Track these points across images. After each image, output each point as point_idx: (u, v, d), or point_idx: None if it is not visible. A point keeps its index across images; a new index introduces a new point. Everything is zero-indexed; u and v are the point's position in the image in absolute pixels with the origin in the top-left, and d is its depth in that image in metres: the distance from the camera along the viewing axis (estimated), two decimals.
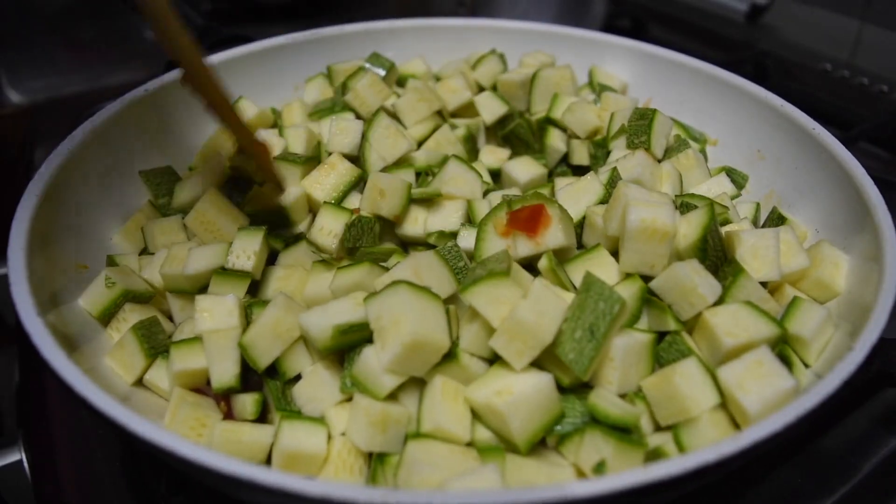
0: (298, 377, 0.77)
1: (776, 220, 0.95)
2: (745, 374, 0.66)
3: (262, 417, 0.77)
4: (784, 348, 0.75)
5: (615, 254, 0.80)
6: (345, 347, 0.73)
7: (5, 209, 0.79)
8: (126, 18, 1.84)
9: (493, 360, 0.71)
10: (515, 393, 0.65)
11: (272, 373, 0.77)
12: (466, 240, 0.89)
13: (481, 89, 1.20)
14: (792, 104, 1.01)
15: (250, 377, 0.78)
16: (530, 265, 0.81)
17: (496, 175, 1.11)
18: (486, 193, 1.01)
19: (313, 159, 0.99)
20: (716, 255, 0.78)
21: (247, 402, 0.76)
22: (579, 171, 1.09)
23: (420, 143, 1.09)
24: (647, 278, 0.77)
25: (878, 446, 0.86)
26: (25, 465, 0.86)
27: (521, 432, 0.66)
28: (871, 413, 0.90)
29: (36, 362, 0.65)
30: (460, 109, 1.15)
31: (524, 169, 1.07)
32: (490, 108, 1.13)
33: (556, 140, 1.10)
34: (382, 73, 1.12)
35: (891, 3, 1.62)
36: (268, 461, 0.71)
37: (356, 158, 1.02)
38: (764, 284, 0.79)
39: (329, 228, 0.91)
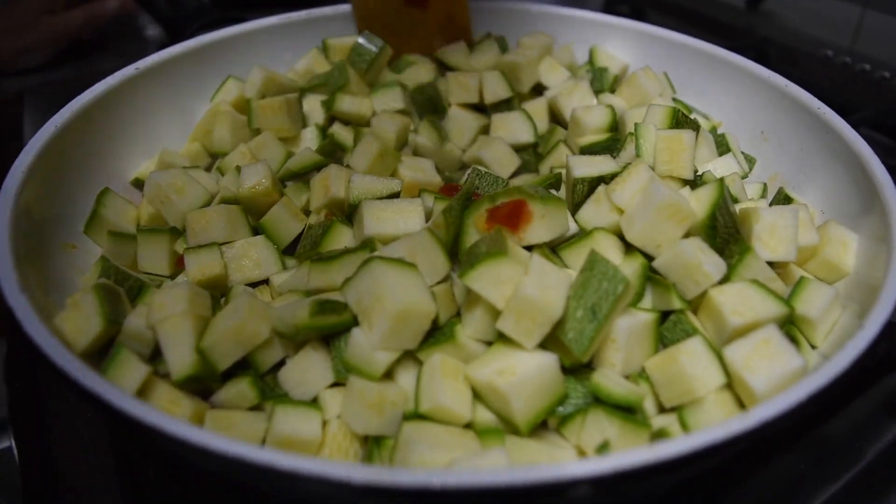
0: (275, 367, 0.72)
1: (783, 201, 0.93)
2: (751, 354, 0.64)
3: None
4: (790, 328, 0.74)
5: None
6: (324, 331, 0.70)
7: None
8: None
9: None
10: (518, 373, 0.63)
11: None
12: None
13: None
14: None
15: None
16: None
17: None
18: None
19: None
20: (727, 232, 0.76)
21: (242, 386, 0.70)
22: None
23: None
24: (648, 257, 0.75)
25: (883, 432, 0.84)
26: (14, 452, 0.84)
27: (522, 414, 0.64)
28: (875, 398, 0.88)
29: (25, 348, 0.64)
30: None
31: None
32: (493, 90, 1.10)
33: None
34: (374, 49, 1.11)
35: None
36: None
37: None
38: (773, 265, 0.77)
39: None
